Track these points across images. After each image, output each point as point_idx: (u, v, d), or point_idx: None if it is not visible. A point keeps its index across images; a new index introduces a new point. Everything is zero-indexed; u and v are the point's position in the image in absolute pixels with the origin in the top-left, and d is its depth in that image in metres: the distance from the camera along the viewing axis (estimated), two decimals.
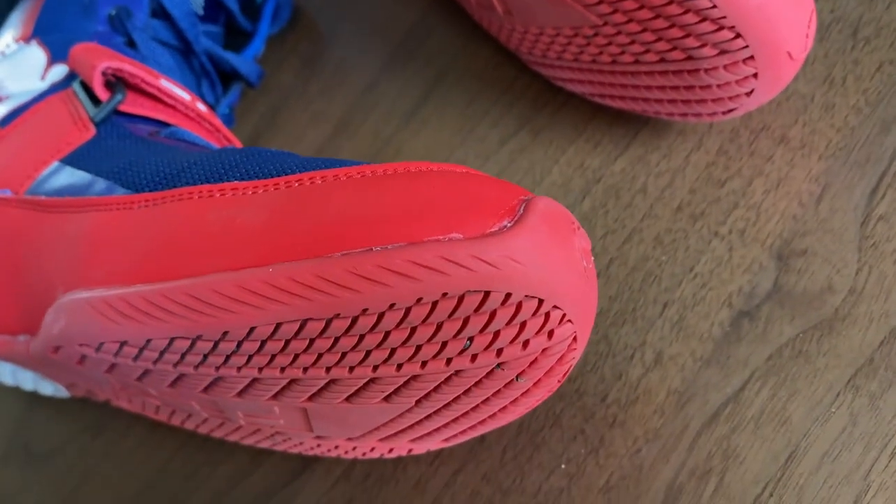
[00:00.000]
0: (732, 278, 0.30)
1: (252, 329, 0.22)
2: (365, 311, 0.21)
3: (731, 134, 0.32)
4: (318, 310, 0.21)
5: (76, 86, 0.30)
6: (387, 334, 0.21)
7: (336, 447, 0.29)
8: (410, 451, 0.29)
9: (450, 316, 0.21)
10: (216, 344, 0.22)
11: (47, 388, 0.33)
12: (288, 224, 0.22)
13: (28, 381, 0.33)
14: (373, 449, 0.29)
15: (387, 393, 0.24)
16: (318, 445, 0.29)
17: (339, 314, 0.21)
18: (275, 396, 0.25)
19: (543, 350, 0.22)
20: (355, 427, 0.27)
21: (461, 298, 0.20)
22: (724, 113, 0.30)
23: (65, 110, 0.29)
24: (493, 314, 0.21)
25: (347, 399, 0.25)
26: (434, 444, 0.29)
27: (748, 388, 0.29)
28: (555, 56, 0.33)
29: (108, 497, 0.34)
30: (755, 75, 0.27)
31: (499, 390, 0.24)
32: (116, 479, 0.35)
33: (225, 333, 0.22)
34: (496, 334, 0.21)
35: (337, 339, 0.22)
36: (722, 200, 0.31)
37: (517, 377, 0.23)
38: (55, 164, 0.28)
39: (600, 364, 0.30)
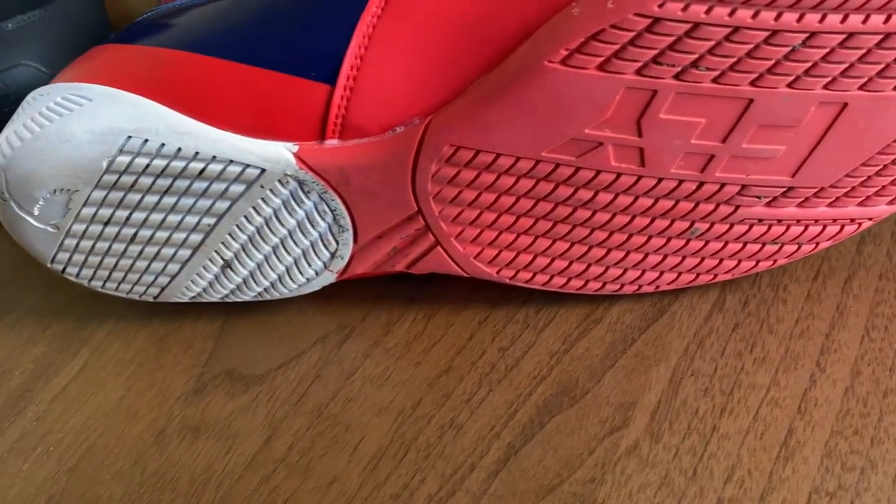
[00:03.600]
0: None
1: None
2: None
3: None
4: None
5: None
6: None
7: (778, 221, 0.25)
8: (840, 230, 0.25)
9: None
10: None
11: (317, 261, 0.26)
12: None
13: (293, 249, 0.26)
14: (805, 229, 0.25)
15: None
16: (759, 223, 0.25)
17: None
18: (831, 83, 0.22)
19: None
20: (853, 153, 0.23)
21: None
22: None
23: None
24: None
25: None
26: (879, 207, 0.25)
27: None
28: None
29: (385, 396, 0.26)
30: None
31: None
32: (391, 375, 0.26)
33: None
34: None
35: None
36: None
37: None
38: None
39: None
